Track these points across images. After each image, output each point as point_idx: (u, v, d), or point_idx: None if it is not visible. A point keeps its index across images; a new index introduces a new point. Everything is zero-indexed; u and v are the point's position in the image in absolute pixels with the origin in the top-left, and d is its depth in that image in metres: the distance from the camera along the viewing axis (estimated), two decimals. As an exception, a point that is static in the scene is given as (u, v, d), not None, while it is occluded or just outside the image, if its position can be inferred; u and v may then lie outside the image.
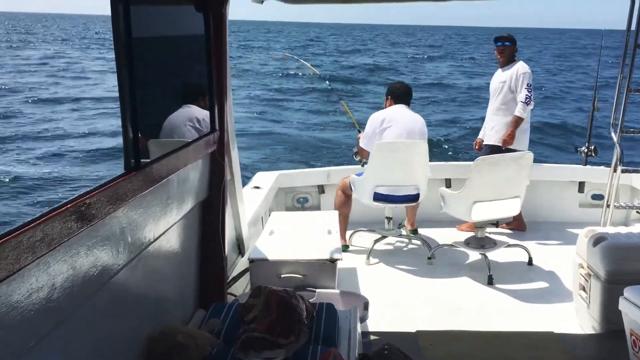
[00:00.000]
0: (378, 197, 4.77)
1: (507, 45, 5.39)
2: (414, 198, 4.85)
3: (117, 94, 1.98)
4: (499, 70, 5.45)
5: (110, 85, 22.98)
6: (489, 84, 5.61)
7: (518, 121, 5.22)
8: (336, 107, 21.15)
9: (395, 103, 5.02)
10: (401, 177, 4.73)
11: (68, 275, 1.63)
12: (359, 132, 5.27)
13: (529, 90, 5.19)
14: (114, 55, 1.97)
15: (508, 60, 5.38)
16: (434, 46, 71.26)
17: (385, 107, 5.08)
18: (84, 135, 14.79)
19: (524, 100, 5.17)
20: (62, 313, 1.63)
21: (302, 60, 6.31)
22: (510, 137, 5.23)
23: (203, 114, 2.95)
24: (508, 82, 5.27)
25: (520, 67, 5.28)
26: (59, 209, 1.54)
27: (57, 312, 1.60)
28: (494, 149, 5.28)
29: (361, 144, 5.02)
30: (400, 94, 5.04)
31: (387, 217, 5.08)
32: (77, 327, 1.75)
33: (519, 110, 5.19)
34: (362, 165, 5.09)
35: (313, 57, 45.87)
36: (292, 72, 31.23)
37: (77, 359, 1.79)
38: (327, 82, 6.55)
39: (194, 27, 2.90)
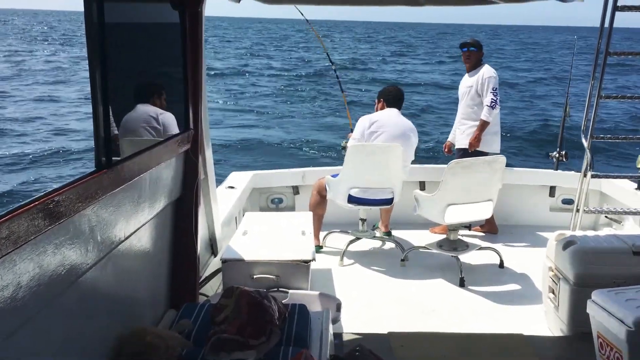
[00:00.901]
0: (352, 200, 4.79)
1: (472, 51, 5.44)
2: (388, 201, 4.87)
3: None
4: (466, 74, 5.51)
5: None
6: (448, 78, 5.66)
7: (484, 125, 5.28)
8: (304, 105, 21.10)
9: (387, 106, 5.03)
10: (376, 179, 4.75)
11: (34, 273, 1.60)
12: (351, 130, 5.26)
13: (495, 94, 5.25)
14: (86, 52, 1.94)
15: (474, 65, 5.43)
16: (401, 42, 71.62)
17: (377, 110, 5.09)
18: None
19: (489, 104, 5.24)
20: (28, 312, 1.60)
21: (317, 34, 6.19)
22: (476, 140, 5.29)
23: (159, 113, 2.86)
24: (475, 87, 5.33)
25: (486, 72, 5.33)
26: (25, 206, 1.51)
27: (23, 311, 1.56)
28: (465, 153, 5.34)
29: (349, 146, 5.01)
30: (392, 98, 5.04)
31: (361, 219, 5.10)
32: (44, 327, 1.72)
33: (484, 114, 5.25)
34: None
35: (281, 53, 45.72)
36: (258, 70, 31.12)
37: (44, 358, 1.75)
38: (333, 67, 6.33)
39: (169, 23, 2.87)
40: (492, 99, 5.23)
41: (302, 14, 5.30)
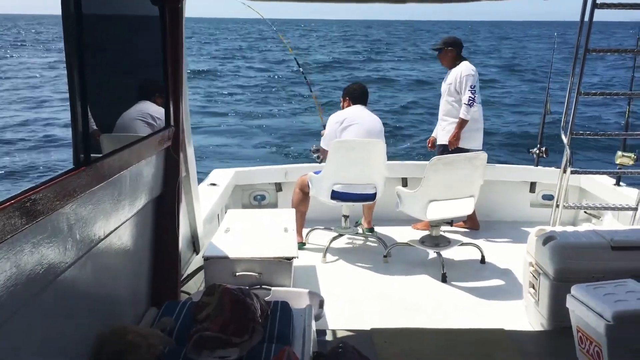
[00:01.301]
0: (335, 196, 4.79)
1: (442, 52, 5.47)
2: (371, 197, 4.89)
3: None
4: (448, 71, 5.54)
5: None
6: (429, 75, 5.67)
7: (462, 123, 5.29)
8: (291, 105, 21.03)
9: (353, 104, 5.08)
10: (359, 175, 4.76)
11: (11, 273, 1.58)
12: (324, 127, 5.29)
13: (473, 92, 5.24)
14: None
15: (451, 63, 5.44)
16: (379, 40, 71.36)
17: (343, 108, 5.12)
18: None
19: (467, 103, 5.24)
20: (6, 312, 1.57)
21: (281, 38, 6.21)
22: (455, 138, 5.31)
23: (158, 111, 2.90)
24: (454, 84, 5.35)
25: (464, 69, 5.33)
26: (1, 205, 1.48)
27: (0, 311, 1.54)
28: (446, 149, 5.37)
29: (322, 145, 5.06)
30: (358, 95, 5.10)
31: (344, 215, 5.10)
32: (23, 327, 1.70)
33: (462, 113, 5.27)
34: (319, 161, 5.13)
35: (261, 54, 45.30)
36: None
37: (23, 358, 1.73)
38: (301, 69, 6.42)
39: (151, 21, 2.84)
40: (469, 97, 5.24)
41: (261, 15, 5.27)
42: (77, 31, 1.91)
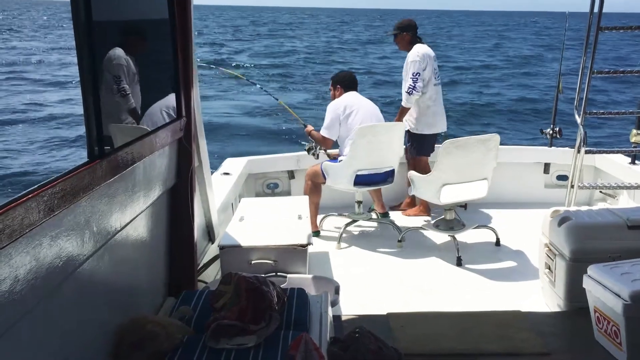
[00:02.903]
0: (359, 181, 4.78)
1: (398, 37, 5.38)
2: (391, 174, 4.92)
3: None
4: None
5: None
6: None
7: (402, 111, 5.23)
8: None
9: (345, 91, 5.13)
10: (381, 159, 4.80)
11: (31, 266, 1.60)
12: (305, 126, 5.29)
13: (414, 79, 5.11)
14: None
15: (407, 47, 5.33)
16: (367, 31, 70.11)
17: (334, 97, 5.15)
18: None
19: (406, 90, 5.16)
20: (27, 305, 1.60)
21: (224, 69, 6.29)
22: None
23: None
24: (406, 71, 5.28)
25: (410, 55, 5.21)
26: (19, 200, 1.50)
27: (21, 304, 1.57)
28: (410, 135, 5.35)
29: (323, 134, 5.03)
30: (348, 82, 5.17)
31: (357, 201, 5.10)
32: (43, 319, 1.73)
33: (403, 101, 5.21)
34: (316, 157, 5.15)
35: (237, 43, 44.35)
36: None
37: (43, 350, 1.76)
38: (258, 85, 6.55)
39: (160, 11, 2.84)
40: (409, 85, 5.13)
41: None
42: (87, 25, 1.92)
